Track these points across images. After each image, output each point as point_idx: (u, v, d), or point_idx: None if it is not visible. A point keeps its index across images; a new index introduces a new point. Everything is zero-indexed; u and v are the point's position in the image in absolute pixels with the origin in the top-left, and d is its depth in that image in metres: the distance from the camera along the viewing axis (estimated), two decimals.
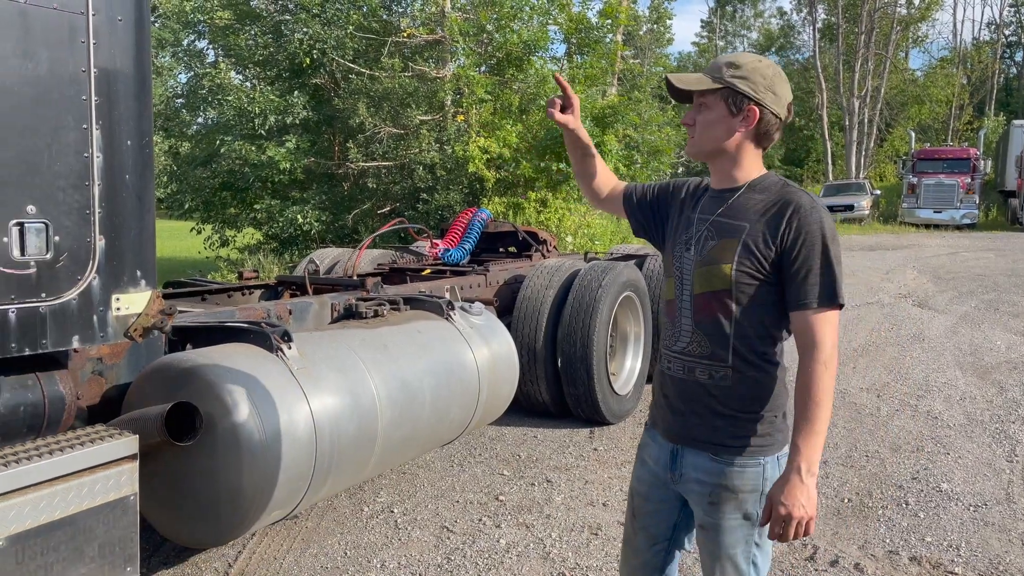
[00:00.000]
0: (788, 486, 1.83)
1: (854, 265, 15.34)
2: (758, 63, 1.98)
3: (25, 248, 2.40)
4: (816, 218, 1.87)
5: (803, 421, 1.85)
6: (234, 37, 14.99)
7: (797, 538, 1.86)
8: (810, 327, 1.87)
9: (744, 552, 1.98)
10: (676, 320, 2.04)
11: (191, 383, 2.96)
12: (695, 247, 2.00)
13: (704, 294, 1.96)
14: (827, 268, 1.86)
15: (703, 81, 1.97)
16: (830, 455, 4.93)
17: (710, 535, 2.00)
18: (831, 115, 36.19)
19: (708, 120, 1.98)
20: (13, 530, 2.29)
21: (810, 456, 1.83)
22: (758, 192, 1.97)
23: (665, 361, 2.09)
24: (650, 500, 2.15)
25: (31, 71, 2.40)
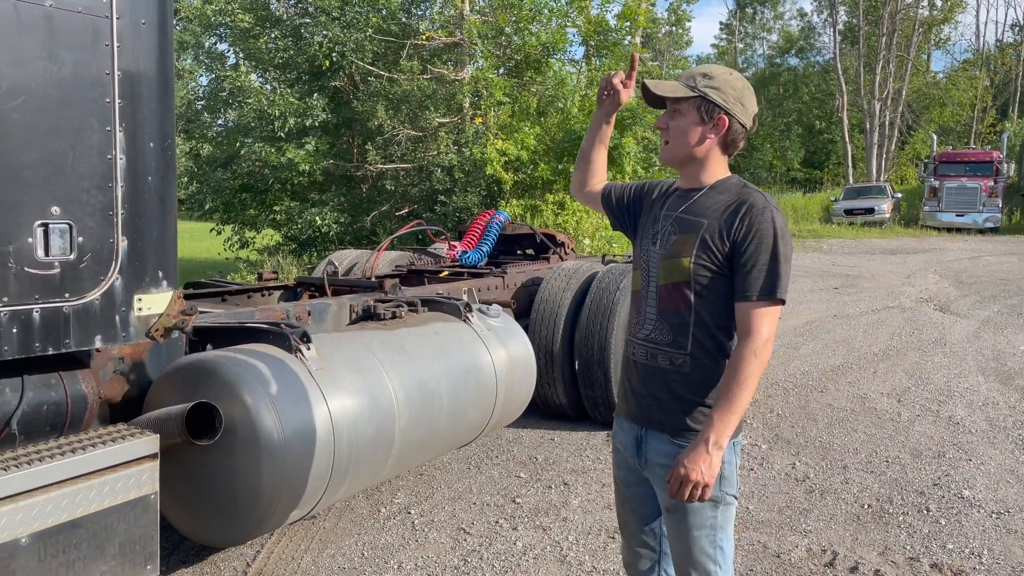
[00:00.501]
0: (694, 452, 1.97)
1: (874, 269, 15.21)
2: (729, 75, 2.11)
3: (49, 249, 2.44)
4: (768, 216, 2.00)
5: (723, 399, 1.97)
6: (254, 40, 15.10)
7: (691, 501, 1.98)
8: (748, 317, 1.99)
9: (709, 535, 2.09)
10: (641, 309, 2.18)
11: (211, 383, 2.98)
12: (660, 241, 2.15)
13: (667, 285, 2.10)
14: (772, 264, 1.98)
15: (678, 89, 2.09)
16: (850, 460, 4.89)
17: (676, 518, 2.11)
18: (852, 118, 35.91)
19: (680, 126, 2.11)
20: (36, 528, 2.32)
21: (720, 431, 1.95)
22: (719, 192, 2.12)
23: (630, 347, 2.22)
24: (631, 484, 2.27)
25: (56, 73, 2.43)
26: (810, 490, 4.43)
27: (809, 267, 15.75)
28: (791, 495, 4.36)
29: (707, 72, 2.10)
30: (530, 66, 14.21)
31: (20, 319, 2.40)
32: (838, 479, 4.59)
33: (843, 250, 19.36)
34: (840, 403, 6.15)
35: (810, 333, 8.97)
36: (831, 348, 8.15)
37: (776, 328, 2.01)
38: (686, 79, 2.11)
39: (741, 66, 47.36)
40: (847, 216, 25.58)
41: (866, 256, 17.80)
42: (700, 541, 2.09)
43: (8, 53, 2.32)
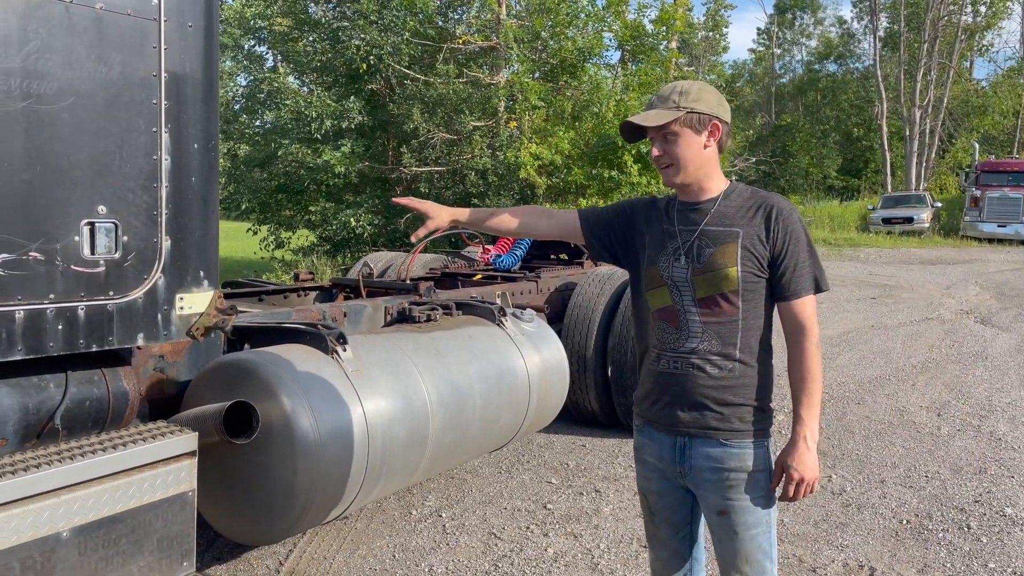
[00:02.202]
0: (796, 452, 2.10)
1: (913, 279, 14.94)
2: (702, 86, 2.19)
3: (95, 247, 2.48)
4: (796, 217, 2.13)
5: (804, 395, 2.10)
6: (293, 43, 15.28)
7: (805, 497, 2.12)
8: (801, 313, 2.11)
9: (766, 532, 2.16)
10: (681, 324, 2.18)
11: (249, 382, 3.01)
12: (686, 256, 2.16)
13: (710, 297, 2.12)
14: (812, 260, 2.13)
15: (664, 115, 2.12)
16: (888, 474, 4.79)
17: (730, 519, 2.14)
18: (891, 125, 35.34)
19: (682, 147, 2.14)
20: (77, 522, 2.36)
21: (812, 426, 2.10)
22: (734, 199, 2.18)
23: (668, 362, 2.20)
24: (663, 494, 2.28)
25: (104, 75, 2.47)
26: (847, 504, 4.35)
27: (846, 276, 15.52)
28: (827, 508, 4.29)
29: (681, 90, 2.15)
30: (565, 70, 14.20)
31: (66, 316, 2.44)
32: (876, 493, 4.50)
33: (880, 259, 19.05)
34: (878, 416, 6.04)
35: (847, 343, 8.83)
36: (868, 359, 8.01)
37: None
38: (664, 103, 2.15)
39: (779, 72, 46.88)
40: (885, 225, 25.17)
41: (904, 266, 17.50)
42: (759, 538, 2.14)
43: (59, 55, 2.36)
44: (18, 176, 2.30)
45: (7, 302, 2.31)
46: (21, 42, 2.29)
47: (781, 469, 2.13)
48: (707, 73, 25.54)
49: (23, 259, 2.33)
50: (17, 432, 2.48)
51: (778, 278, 2.12)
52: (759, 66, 48.61)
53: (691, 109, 2.12)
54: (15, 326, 2.33)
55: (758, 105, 44.70)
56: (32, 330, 2.37)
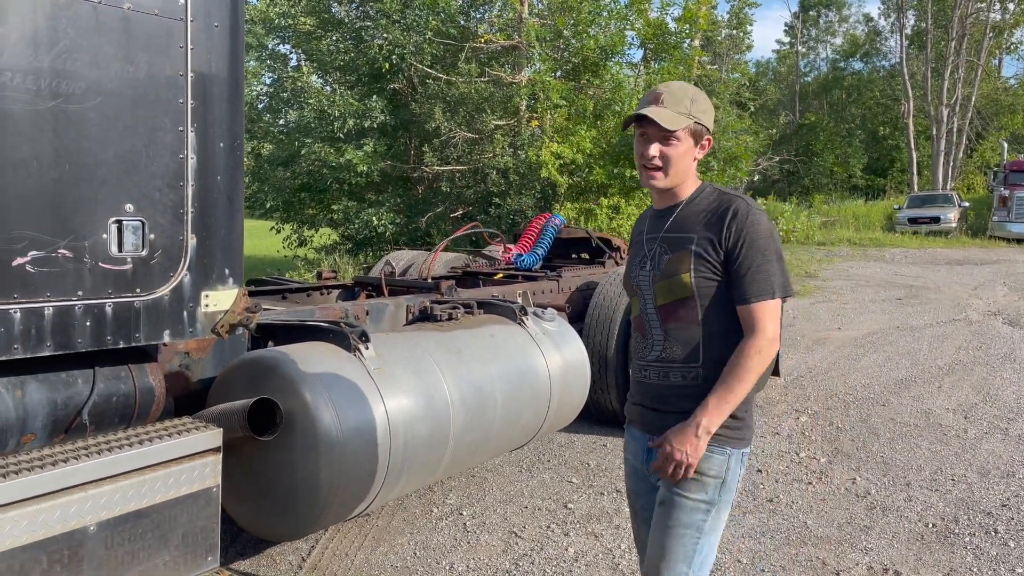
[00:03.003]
0: (684, 434, 2.03)
1: (939, 280, 14.74)
2: (705, 96, 2.17)
3: (123, 245, 2.51)
4: (752, 220, 2.05)
5: (722, 387, 2.02)
6: (316, 42, 15.37)
7: (673, 479, 2.05)
8: (752, 316, 2.04)
9: (693, 536, 2.08)
10: (647, 332, 2.19)
11: (273, 380, 3.03)
12: (650, 263, 2.18)
13: (669, 304, 2.12)
14: (766, 264, 2.03)
15: (679, 120, 2.09)
16: (913, 477, 4.73)
17: (666, 510, 2.11)
18: (918, 124, 34.90)
19: (679, 153, 2.13)
20: (104, 516, 2.39)
21: (713, 418, 2.02)
22: (698, 203, 2.16)
23: (640, 371, 2.23)
24: (640, 494, 2.28)
25: (132, 74, 2.50)
26: (871, 507, 4.31)
27: (871, 277, 15.36)
28: (851, 511, 4.24)
29: (692, 96, 2.13)
30: (587, 69, 14.16)
31: (93, 312, 2.47)
32: (901, 496, 4.45)
33: (906, 260, 18.82)
34: (903, 418, 5.96)
35: (872, 345, 8.73)
36: (894, 361, 7.92)
37: (779, 326, 2.04)
38: (675, 104, 2.10)
39: (803, 70, 46.44)
40: (911, 225, 24.86)
41: (931, 266, 17.26)
42: (685, 539, 2.07)
43: (87, 55, 2.39)
44: (47, 175, 2.33)
45: (36, 299, 2.35)
46: (51, 42, 2.32)
47: (662, 440, 2.07)
48: (731, 71, 25.37)
49: (52, 256, 2.36)
50: (45, 427, 2.51)
51: (734, 282, 2.05)
52: (783, 64, 48.18)
53: (699, 120, 2.12)
54: (44, 322, 2.37)
55: (782, 103, 44.33)
56: (61, 326, 2.40)
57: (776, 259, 2.05)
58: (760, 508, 4.28)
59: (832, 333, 9.46)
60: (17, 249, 2.29)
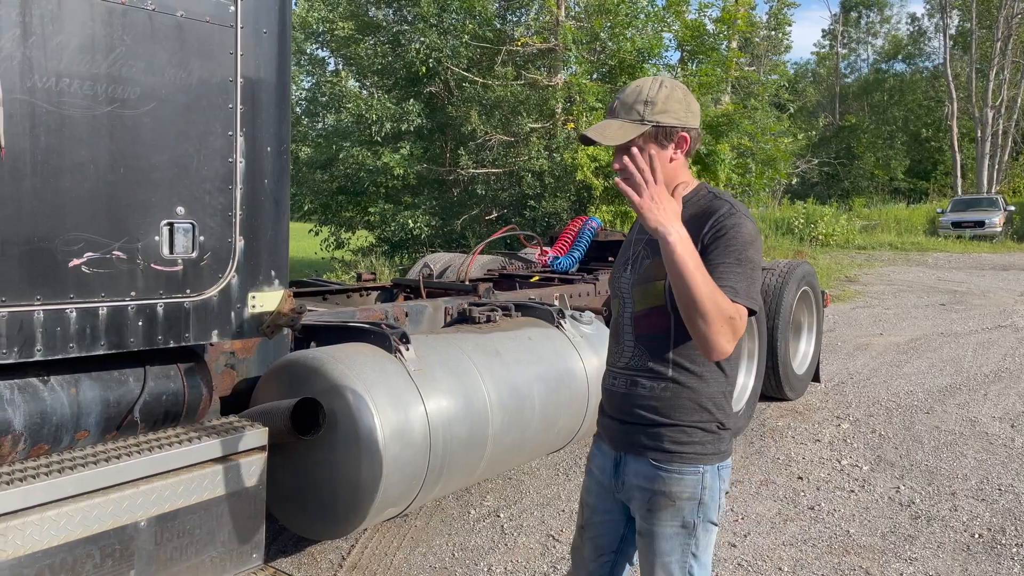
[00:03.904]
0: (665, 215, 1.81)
1: (984, 285, 14.43)
2: (668, 91, 2.00)
3: (174, 247, 2.56)
4: (732, 222, 1.92)
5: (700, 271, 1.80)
6: (355, 46, 15.53)
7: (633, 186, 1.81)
8: None
9: (680, 561, 2.00)
10: (620, 338, 2.10)
11: (316, 380, 3.07)
12: (631, 267, 2.08)
13: (644, 311, 2.02)
14: (734, 269, 1.87)
15: (627, 130, 1.96)
16: (959, 486, 4.64)
17: (647, 542, 2.04)
18: (962, 126, 34.20)
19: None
20: (154, 512, 2.45)
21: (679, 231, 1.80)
22: (688, 207, 2.00)
23: (610, 378, 2.14)
24: (597, 511, 2.20)
25: (184, 80, 2.56)
26: (915, 516, 4.23)
27: (913, 282, 15.09)
28: (895, 520, 4.18)
29: (645, 99, 1.98)
30: (624, 71, 14.11)
31: (145, 313, 2.53)
32: (946, 506, 4.37)
33: (950, 264, 18.45)
34: (948, 426, 5.85)
35: (915, 351, 8.58)
36: (938, 367, 7.77)
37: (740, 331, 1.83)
38: (626, 113, 1.98)
39: (844, 72, 45.78)
40: (955, 229, 24.39)
41: (975, 271, 16.90)
42: (671, 567, 2.01)
43: (142, 61, 2.45)
44: (103, 178, 2.40)
45: (91, 299, 2.41)
46: (107, 49, 2.38)
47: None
48: (768, 73, 25.08)
49: (107, 258, 2.43)
50: (98, 424, 2.58)
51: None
52: (822, 65, 47.53)
53: (657, 123, 1.96)
54: (99, 322, 2.43)
55: (821, 105, 43.74)
56: (114, 326, 2.46)
57: (748, 267, 1.89)
58: (801, 516, 4.23)
59: (874, 339, 9.31)
60: (74, 251, 2.36)
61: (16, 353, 2.28)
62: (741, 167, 14.11)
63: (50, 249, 2.32)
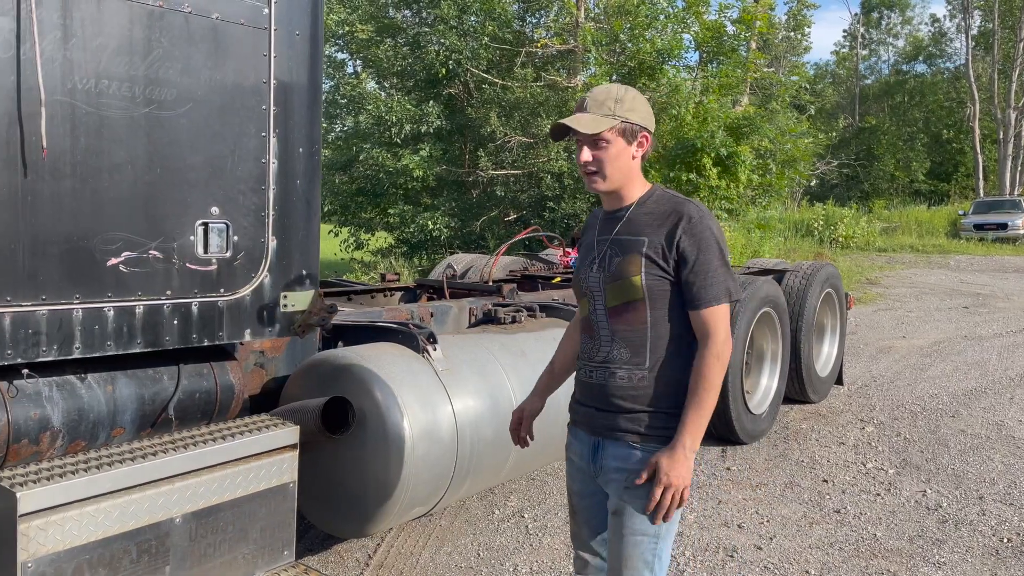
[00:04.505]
0: (672, 458, 2.02)
1: (1008, 288, 14.27)
2: (635, 94, 2.17)
3: (208, 246, 2.60)
4: (706, 225, 2.09)
5: (693, 403, 2.04)
6: (375, 48, 15.61)
7: (672, 507, 2.02)
8: (705, 322, 2.07)
9: (651, 543, 2.11)
10: (595, 334, 2.20)
11: (345, 379, 3.10)
12: (599, 265, 2.19)
13: (618, 306, 2.14)
14: (719, 270, 2.07)
15: (600, 122, 2.11)
16: (986, 491, 4.60)
17: (620, 520, 2.14)
18: (984, 127, 33.85)
19: (612, 155, 2.13)
20: (189, 508, 2.47)
21: (695, 435, 2.04)
22: (648, 206, 2.16)
23: (585, 371, 2.24)
24: (584, 495, 2.31)
25: (219, 82, 2.59)
26: (943, 520, 4.20)
27: (935, 284, 14.95)
28: (922, 524, 4.14)
29: (616, 97, 2.13)
30: (643, 72, 14.10)
31: (180, 311, 2.56)
32: (974, 510, 4.33)
33: (972, 267, 18.26)
34: (974, 429, 5.80)
35: (938, 354, 8.50)
36: (962, 371, 7.69)
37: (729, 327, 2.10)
38: (597, 108, 2.13)
39: (863, 73, 45.45)
40: (977, 231, 24.13)
41: (998, 274, 16.72)
42: (640, 547, 2.12)
43: (179, 63, 2.49)
44: (141, 178, 2.43)
45: (128, 298, 2.44)
46: (145, 51, 2.42)
47: (652, 470, 2.04)
48: (788, 74, 24.93)
49: (144, 257, 2.46)
50: (134, 421, 2.61)
51: (687, 287, 2.08)
52: (842, 67, 47.19)
53: (625, 119, 2.11)
54: (135, 320, 2.47)
55: (841, 106, 43.43)
56: (150, 324, 2.50)
57: (725, 265, 2.09)
58: (827, 519, 4.21)
59: (897, 342, 9.24)
60: (112, 250, 2.39)
61: (56, 351, 2.32)
62: (762, 167, 14.04)
63: (89, 248, 2.35)
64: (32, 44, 2.18)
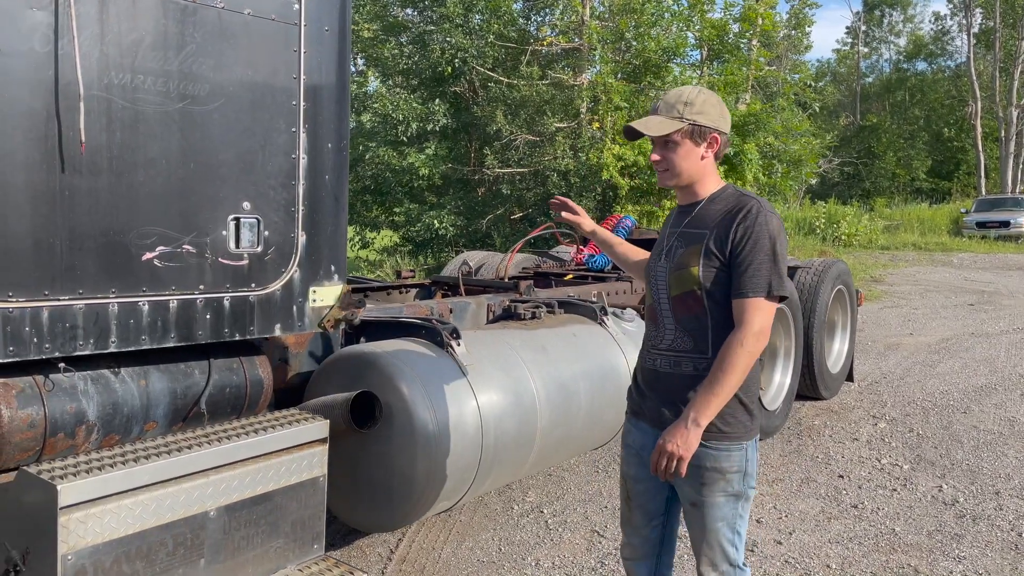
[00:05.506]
0: (674, 428, 2.14)
1: (1012, 285, 14.28)
2: (706, 95, 2.27)
3: (240, 241, 2.61)
4: (761, 220, 2.16)
5: (708, 382, 2.12)
6: (380, 47, 15.60)
7: (666, 474, 2.14)
8: (742, 311, 2.14)
9: (730, 523, 2.25)
10: (659, 321, 2.31)
11: (371, 374, 3.11)
12: (665, 255, 2.32)
13: (680, 295, 2.24)
14: (766, 263, 2.13)
15: (667, 124, 2.22)
16: (1002, 486, 4.61)
17: (700, 511, 2.26)
18: (985, 125, 33.85)
19: (681, 155, 2.25)
20: (223, 502, 2.49)
21: (700, 411, 2.11)
22: (717, 203, 2.27)
23: (650, 359, 2.33)
24: (640, 480, 2.39)
25: (251, 77, 2.60)
26: (960, 515, 4.21)
27: (939, 282, 14.96)
28: (940, 519, 4.16)
29: (686, 99, 2.23)
30: (649, 70, 14.10)
31: (213, 306, 2.57)
32: (991, 505, 4.34)
33: (975, 265, 18.27)
34: (986, 425, 5.81)
35: (947, 351, 8.52)
36: (971, 367, 7.71)
37: (770, 324, 2.14)
38: (667, 110, 2.24)
39: (864, 71, 45.44)
40: (979, 229, 24.14)
41: (1002, 272, 16.73)
42: (722, 530, 2.25)
43: (211, 58, 2.50)
44: (175, 173, 2.44)
45: (163, 292, 2.45)
46: (179, 46, 2.43)
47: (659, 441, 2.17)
48: (790, 72, 24.92)
49: (178, 251, 2.47)
50: (166, 415, 2.62)
51: (733, 276, 2.16)
52: (843, 64, 47.17)
53: (693, 122, 2.22)
54: (169, 315, 2.48)
55: (842, 105, 43.41)
56: (184, 319, 2.51)
57: (774, 261, 2.14)
58: (845, 514, 4.22)
59: (904, 339, 9.25)
60: (147, 244, 2.40)
61: (92, 344, 2.33)
62: (768, 167, 14.04)
63: (124, 243, 2.36)
64: (71, 39, 2.19)
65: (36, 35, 2.15)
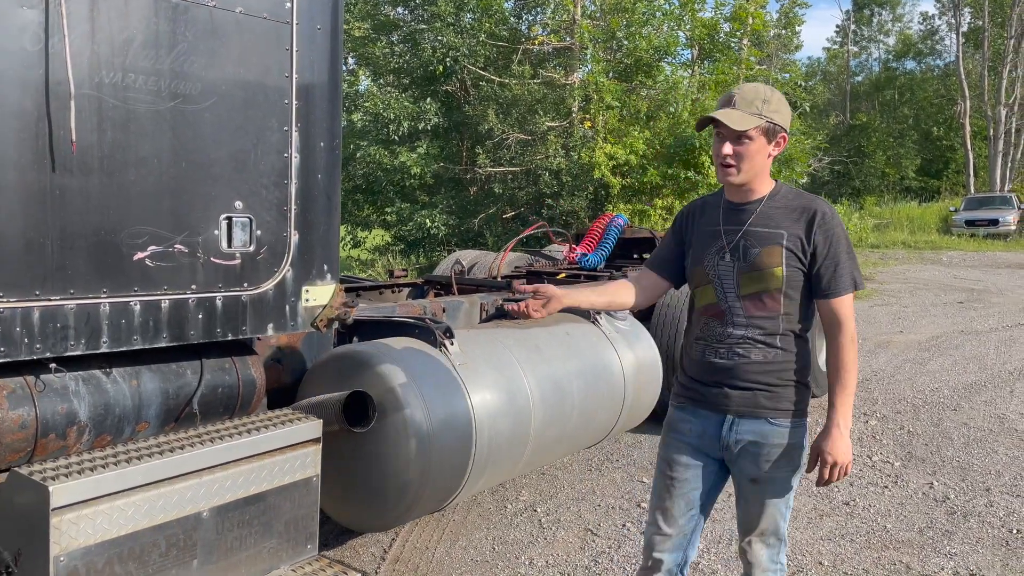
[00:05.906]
0: (831, 439, 2.29)
1: (1001, 283, 14.37)
2: (779, 95, 2.32)
3: (232, 240, 2.60)
4: (837, 222, 2.30)
5: (839, 385, 2.29)
6: (372, 45, 15.56)
7: (838, 480, 2.32)
8: (838, 310, 2.29)
9: (786, 499, 2.39)
10: (725, 319, 2.35)
11: (364, 373, 3.10)
12: (732, 254, 2.34)
13: (755, 293, 2.30)
14: (849, 262, 2.28)
15: (748, 120, 2.25)
16: (992, 483, 4.64)
17: (761, 487, 2.36)
18: (974, 124, 34.01)
19: (752, 151, 2.28)
20: (215, 502, 2.48)
21: (845, 414, 2.29)
22: (778, 201, 2.33)
23: (711, 352, 2.37)
24: (690, 466, 2.45)
25: (242, 76, 2.59)
26: (951, 511, 4.23)
27: (929, 280, 15.04)
28: (931, 516, 4.18)
29: (764, 97, 2.27)
30: (640, 69, 14.11)
31: (205, 306, 2.56)
32: (981, 502, 4.37)
33: (964, 263, 18.38)
34: (976, 422, 5.84)
35: (936, 348, 8.56)
36: (961, 365, 7.75)
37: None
38: (746, 106, 2.26)
39: (854, 70, 45.61)
40: (968, 227, 24.28)
41: (991, 270, 16.83)
42: (779, 505, 2.38)
43: (203, 56, 2.48)
44: (167, 172, 2.43)
45: (155, 292, 2.44)
46: (170, 44, 2.41)
47: (816, 453, 2.31)
48: (780, 72, 24.99)
49: (169, 251, 2.46)
50: (158, 416, 2.61)
51: (818, 278, 2.28)
52: (832, 64, 47.32)
53: (771, 120, 2.26)
54: (161, 315, 2.47)
55: (832, 104, 43.55)
56: (175, 319, 2.50)
57: (852, 258, 2.29)
58: (837, 511, 4.24)
59: (894, 336, 9.30)
60: (138, 244, 2.39)
61: (83, 345, 2.32)
62: None
63: (116, 242, 2.35)
64: (61, 37, 2.17)
65: (26, 33, 2.14)
